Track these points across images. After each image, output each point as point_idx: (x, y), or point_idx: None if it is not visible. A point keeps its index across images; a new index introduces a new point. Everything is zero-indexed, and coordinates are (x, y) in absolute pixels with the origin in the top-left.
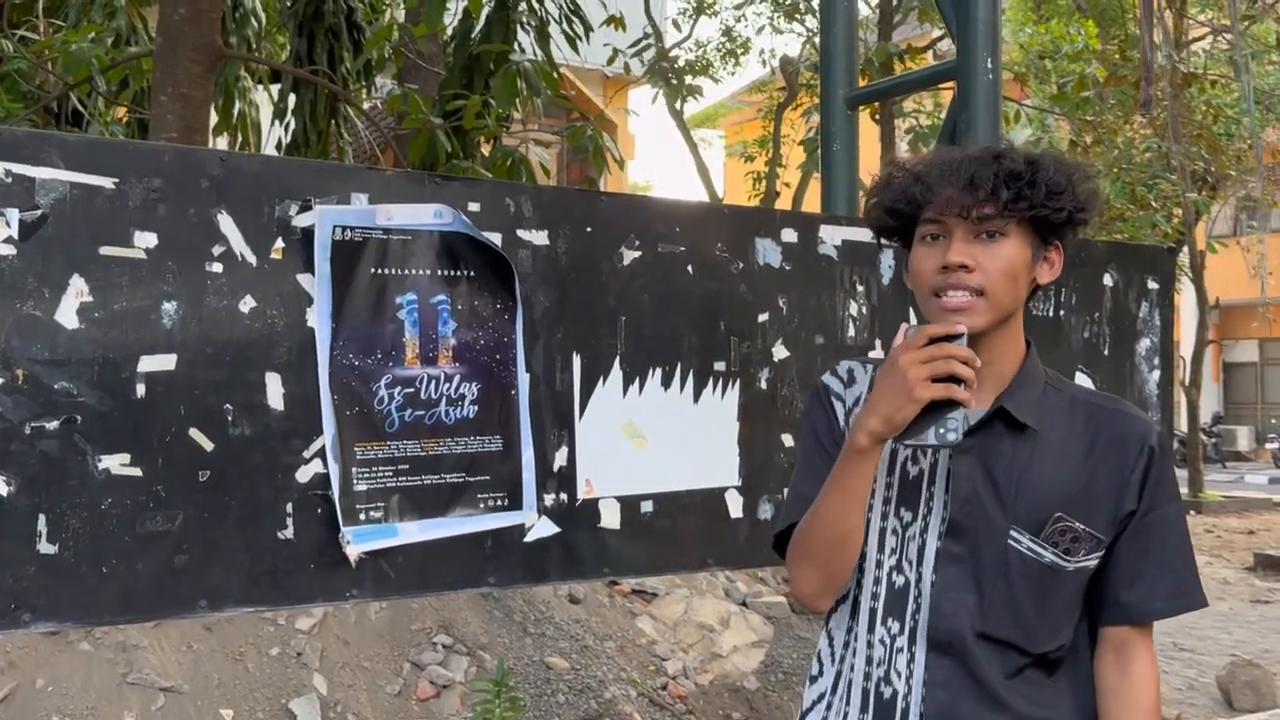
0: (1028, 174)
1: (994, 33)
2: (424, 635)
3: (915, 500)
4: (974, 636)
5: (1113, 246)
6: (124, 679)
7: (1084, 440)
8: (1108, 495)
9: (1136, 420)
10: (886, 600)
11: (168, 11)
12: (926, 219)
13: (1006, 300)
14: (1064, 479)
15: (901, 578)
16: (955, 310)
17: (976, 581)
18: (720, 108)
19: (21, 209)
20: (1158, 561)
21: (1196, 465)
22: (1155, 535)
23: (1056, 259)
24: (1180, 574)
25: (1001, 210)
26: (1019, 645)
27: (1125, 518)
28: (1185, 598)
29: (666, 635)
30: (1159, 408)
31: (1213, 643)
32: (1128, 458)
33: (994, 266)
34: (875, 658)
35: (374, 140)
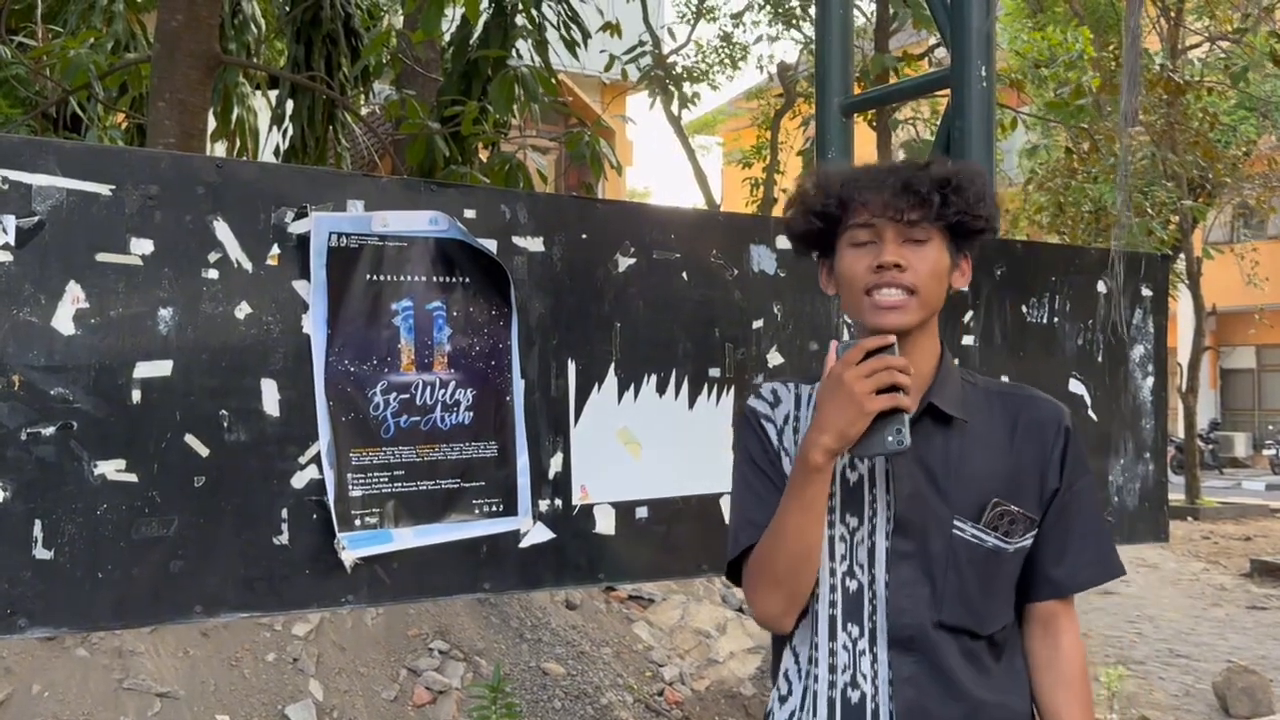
0: (955, 182)
1: (988, 41)
2: (420, 641)
3: (859, 505)
4: (932, 627)
5: (1106, 253)
6: (120, 684)
7: (1005, 427)
8: (1034, 477)
9: (1050, 404)
10: (844, 606)
11: (165, 18)
12: (857, 223)
13: (933, 300)
14: (994, 465)
15: (855, 582)
16: (889, 308)
17: (928, 574)
18: (718, 114)
19: (18, 216)
20: (1080, 535)
21: (1194, 472)
22: (1075, 510)
23: (967, 267)
24: (1100, 544)
25: (931, 215)
26: (971, 630)
27: (1050, 496)
28: (1106, 566)
29: (663, 641)
30: (1153, 414)
31: (1209, 649)
32: (1047, 439)
33: (923, 268)
34: (839, 664)
35: (372, 146)
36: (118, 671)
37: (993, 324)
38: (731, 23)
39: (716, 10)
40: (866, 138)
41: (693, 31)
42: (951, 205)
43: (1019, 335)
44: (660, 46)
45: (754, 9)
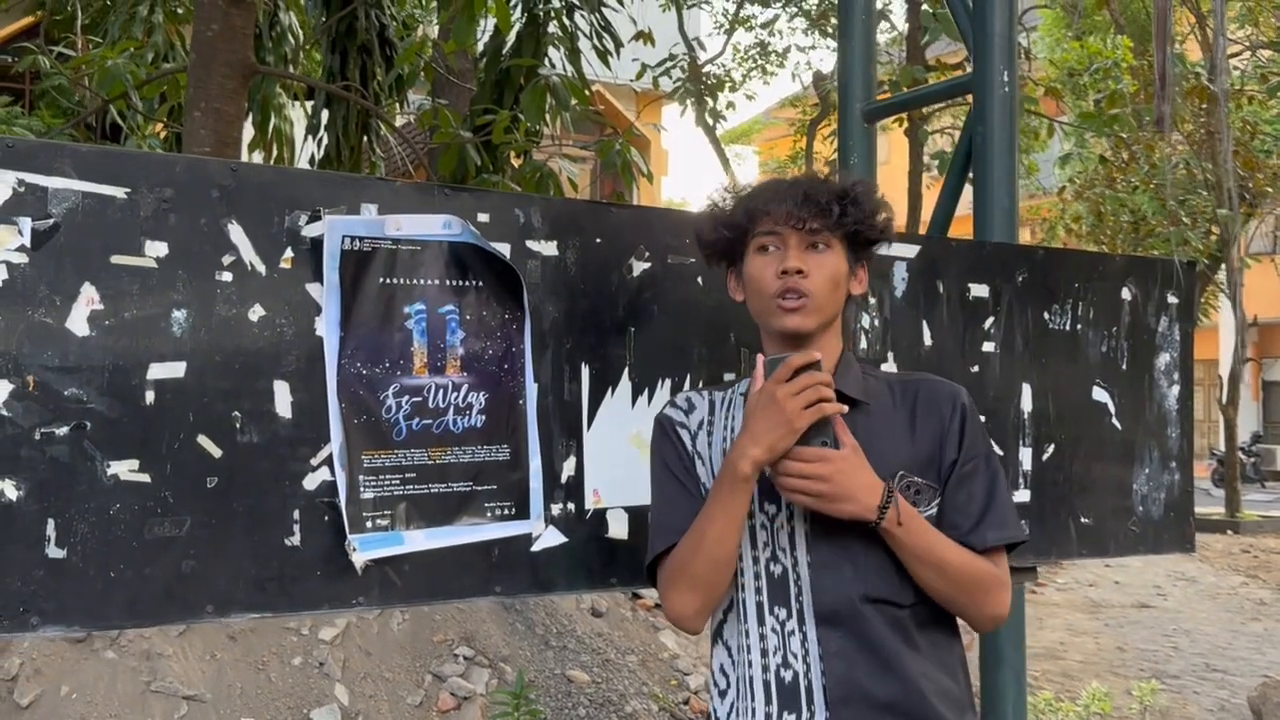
0: (851, 194)
1: (1010, 46)
2: (445, 647)
3: (776, 492)
4: (860, 601)
5: (1131, 260)
6: (147, 687)
7: (905, 407)
8: (934, 449)
9: (946, 385)
10: (769, 590)
11: (201, 28)
12: (763, 231)
13: (831, 304)
14: (897, 442)
15: (779, 566)
16: (792, 310)
17: (848, 551)
18: (754, 124)
19: (34, 218)
20: (982, 499)
21: (1234, 484)
22: (976, 477)
23: (863, 275)
24: (1002, 509)
25: (831, 224)
26: (894, 600)
27: (950, 466)
28: (1009, 528)
29: (689, 650)
30: (1179, 423)
31: (1245, 664)
32: (944, 415)
33: (822, 274)
34: (770, 647)
35: (407, 157)
36: (145, 674)
37: (1014, 331)
38: (765, 31)
39: (752, 20)
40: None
41: (728, 41)
42: (849, 215)
43: (1041, 342)
44: (695, 56)
45: (787, 17)
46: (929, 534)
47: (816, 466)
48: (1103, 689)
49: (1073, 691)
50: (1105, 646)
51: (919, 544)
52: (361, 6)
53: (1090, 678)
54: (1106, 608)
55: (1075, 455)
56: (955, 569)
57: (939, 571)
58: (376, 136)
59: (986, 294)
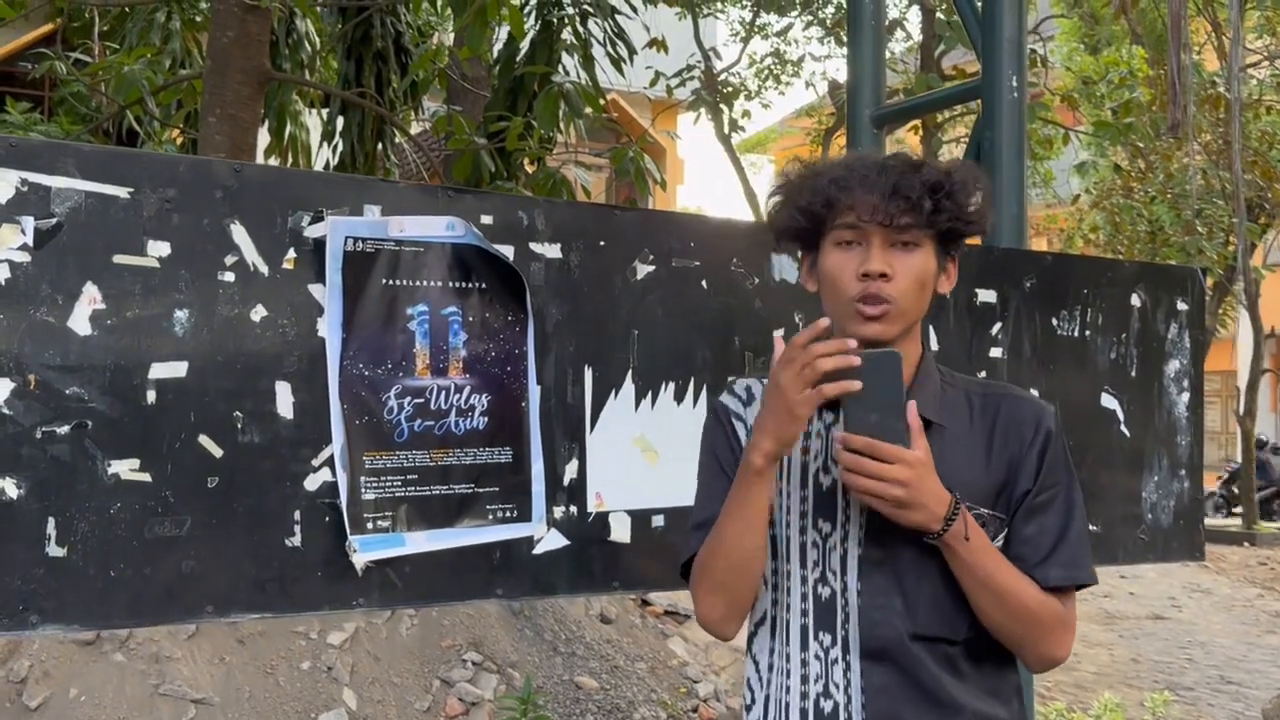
0: (947, 186)
1: (1019, 51)
2: (454, 652)
3: (832, 510)
4: (909, 639)
5: (1140, 266)
6: (156, 690)
7: (983, 427)
8: (1006, 475)
9: (1031, 403)
10: (815, 614)
11: (217, 34)
12: (844, 224)
13: (916, 309)
14: (969, 468)
15: (827, 589)
16: (871, 320)
17: (899, 583)
18: (770, 133)
19: (37, 217)
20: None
21: (1251, 496)
22: (1049, 511)
23: (953, 270)
24: (1071, 547)
25: (921, 222)
26: (947, 637)
27: (1021, 496)
28: (1076, 569)
29: (698, 657)
30: (1189, 431)
31: (1261, 676)
32: (1025, 438)
33: (910, 275)
34: (811, 674)
35: (421, 164)
36: (154, 677)
37: (1021, 336)
38: (780, 40)
39: (768, 28)
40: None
41: (745, 49)
42: (943, 211)
43: (1049, 348)
44: (711, 65)
45: (802, 25)
46: (994, 557)
47: (895, 469)
48: (1115, 700)
49: (1085, 703)
50: (1119, 658)
51: (983, 565)
52: (377, 14)
53: (1103, 689)
54: (1121, 619)
55: (1083, 463)
56: (1016, 600)
57: (999, 600)
58: (391, 143)
59: (994, 299)
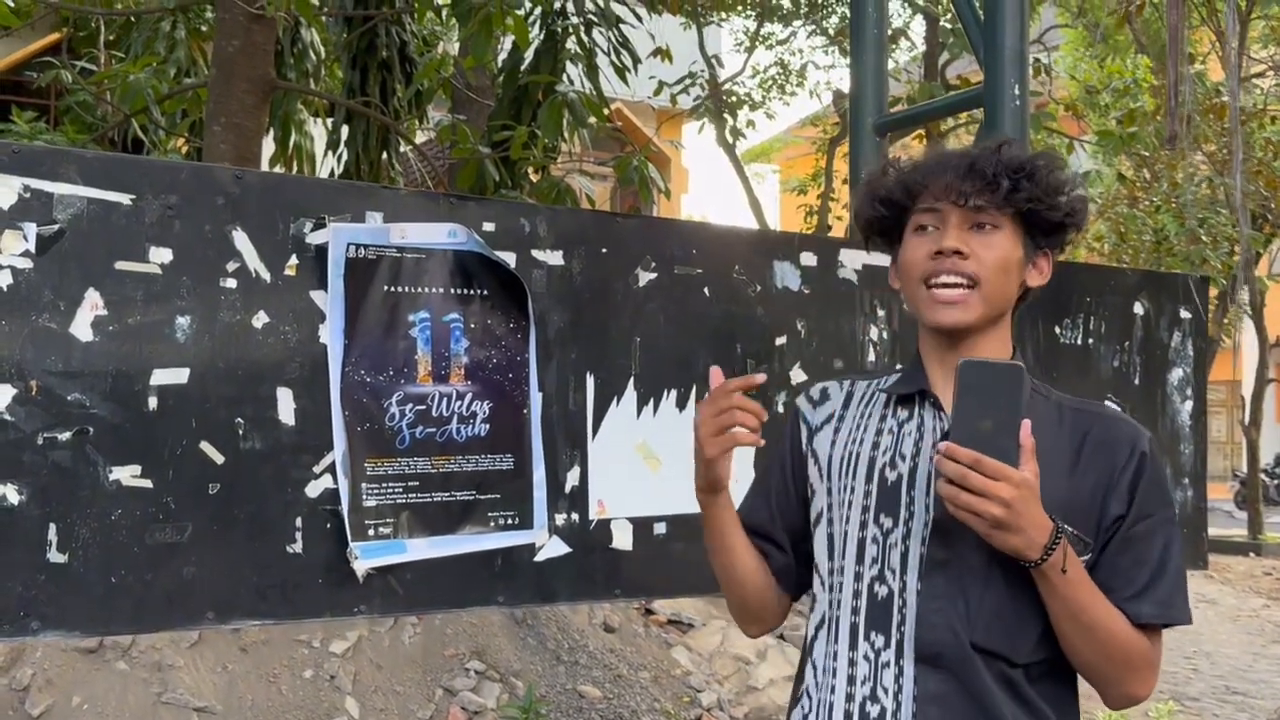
0: (1028, 167)
1: (1021, 59)
2: (457, 661)
3: (895, 505)
4: (969, 646)
5: (1144, 275)
6: (158, 699)
7: (1071, 444)
8: (1094, 499)
9: (1126, 424)
10: (869, 613)
11: (222, 44)
12: (922, 208)
13: (999, 294)
14: (1050, 482)
15: (884, 588)
16: (947, 303)
17: (963, 587)
18: (775, 142)
19: (39, 223)
20: (1148, 568)
21: (1257, 506)
22: (1146, 542)
23: (1046, 265)
24: (1168, 583)
25: (999, 201)
26: (1006, 656)
27: (1114, 522)
28: (1170, 607)
29: (702, 666)
30: (1192, 439)
31: (1266, 686)
32: (1117, 461)
33: (989, 256)
34: (858, 676)
35: (426, 173)
36: (156, 685)
37: (1024, 344)
38: (784, 50)
39: (772, 37)
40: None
41: (749, 59)
42: (1022, 191)
43: (1052, 356)
44: (715, 74)
45: (806, 35)
46: (1088, 590)
47: (999, 487)
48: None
49: (1090, 713)
50: None
51: (1077, 598)
52: (382, 23)
53: None
54: None
55: None
56: (1107, 635)
57: (1089, 634)
58: (396, 152)
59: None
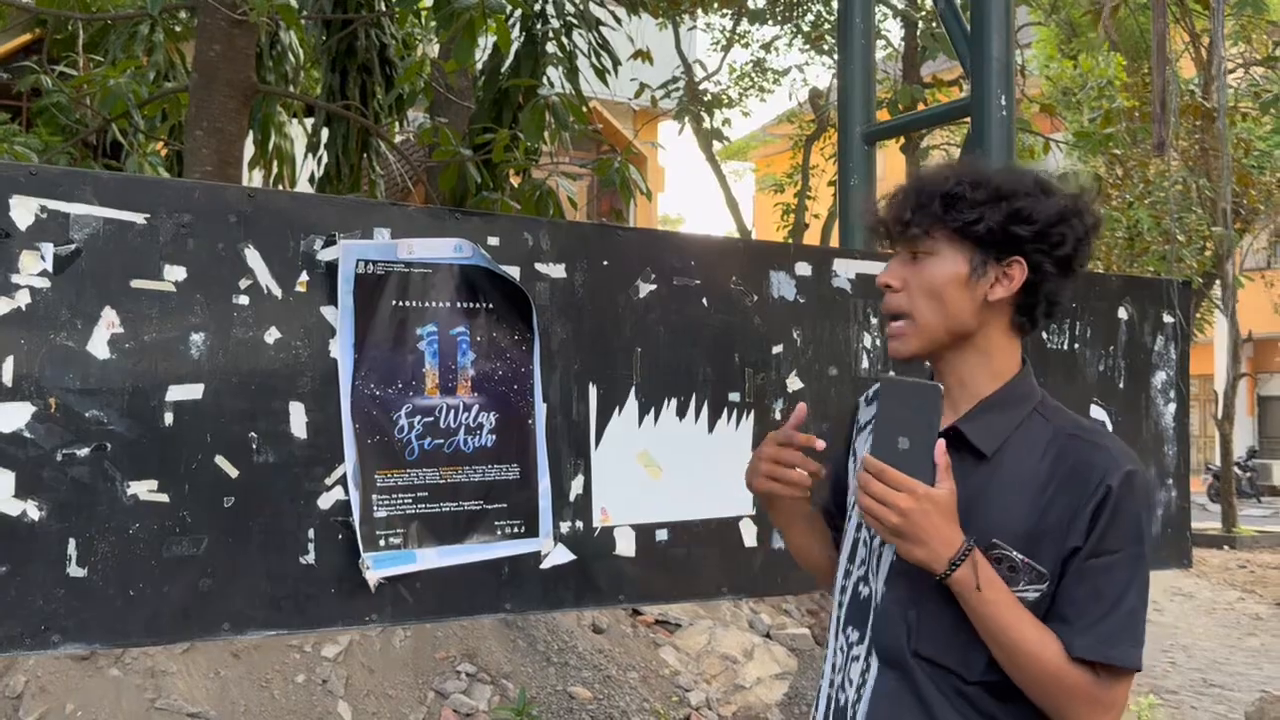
0: (948, 189)
1: (1007, 71)
2: (448, 664)
3: None
4: (910, 654)
5: (1127, 280)
6: (152, 704)
7: (1047, 470)
8: (1057, 528)
9: (1104, 455)
10: (849, 609)
11: (203, 48)
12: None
13: (936, 319)
14: (1015, 508)
15: (867, 588)
16: (891, 338)
17: (918, 598)
18: (751, 140)
19: (56, 243)
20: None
21: (1230, 500)
22: (1107, 578)
23: (1018, 274)
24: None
25: (914, 227)
26: (956, 671)
27: (1070, 554)
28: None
29: (690, 666)
30: (1175, 441)
31: (1243, 679)
32: (1084, 491)
33: (917, 284)
34: (838, 665)
35: (405, 174)
36: (150, 691)
37: None
38: (762, 50)
39: (748, 37)
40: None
41: (725, 58)
42: (953, 212)
43: (1039, 361)
44: (692, 75)
45: (787, 36)
46: (1009, 611)
47: (897, 496)
48: None
49: None
50: None
51: (994, 617)
52: (362, 26)
53: None
54: None
55: None
56: (1031, 661)
57: (1012, 658)
58: (376, 154)
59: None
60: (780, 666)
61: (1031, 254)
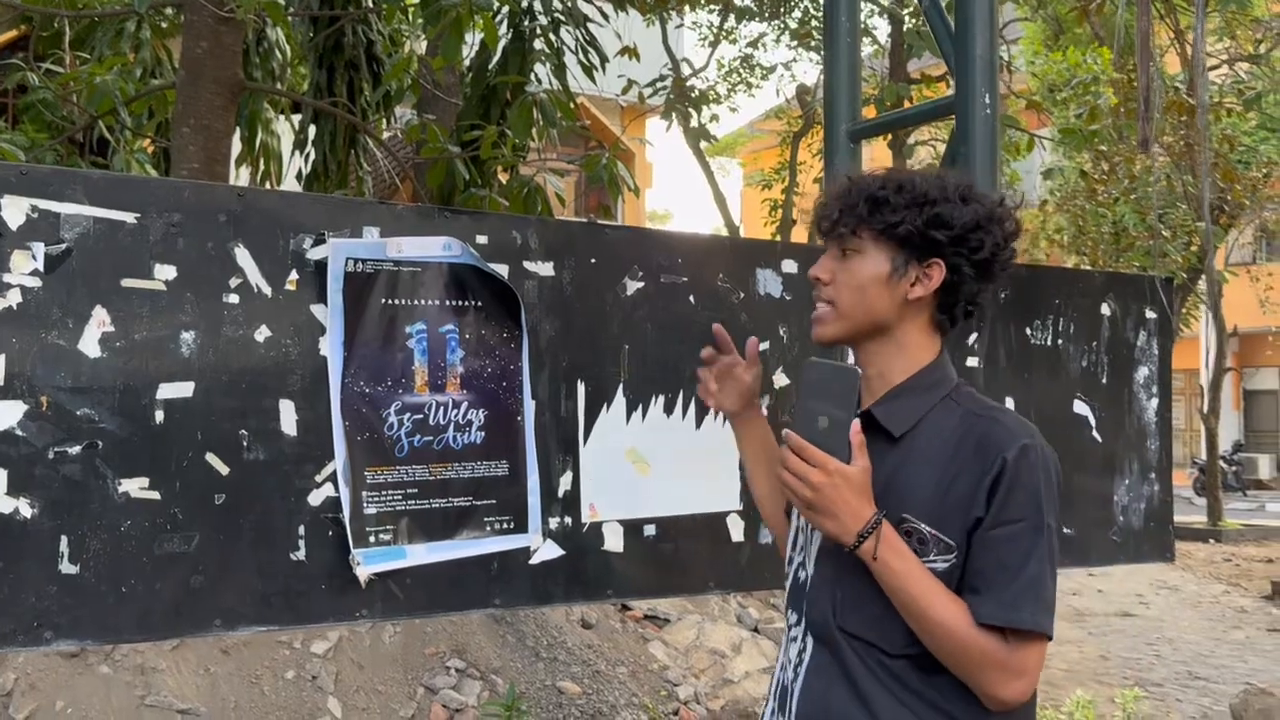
0: (877, 195)
1: (991, 69)
2: (437, 659)
3: None
4: (836, 630)
5: (1110, 276)
6: (142, 701)
7: (952, 448)
8: (961, 501)
9: (1002, 430)
10: (791, 593)
11: (190, 45)
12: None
13: (859, 310)
14: (923, 484)
15: (804, 573)
16: (815, 322)
17: (839, 576)
18: (738, 137)
19: (47, 243)
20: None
21: (1216, 494)
22: (1010, 547)
23: (936, 274)
24: (1016, 588)
25: (841, 227)
26: (879, 645)
27: (974, 525)
28: (1014, 610)
29: (678, 660)
30: (1158, 435)
31: (1228, 671)
32: (983, 465)
33: (845, 278)
34: (784, 646)
35: (392, 170)
36: (140, 688)
37: (997, 346)
38: (749, 47)
39: (736, 33)
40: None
41: (713, 54)
42: (877, 215)
43: (1023, 357)
44: (679, 71)
45: (774, 33)
46: (916, 582)
47: (812, 472)
48: (1086, 697)
49: (1057, 700)
50: (1089, 655)
51: (902, 588)
52: (349, 23)
53: (1074, 686)
54: (1090, 616)
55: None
56: (938, 629)
57: (923, 627)
58: (363, 151)
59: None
60: (768, 660)
61: (950, 257)
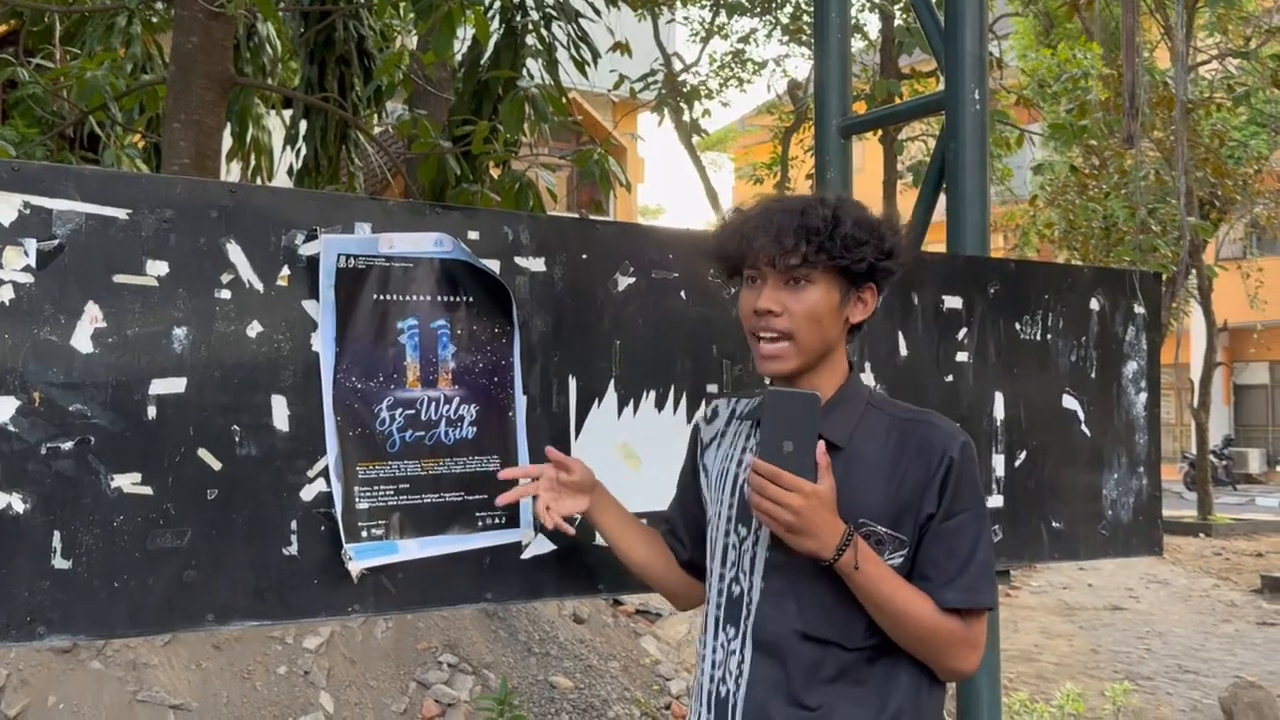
0: (827, 228)
1: (981, 65)
2: (429, 654)
3: (749, 516)
4: (797, 638)
5: (1099, 271)
6: (134, 697)
7: (894, 452)
8: (912, 500)
9: (940, 431)
10: (725, 608)
11: (180, 40)
12: (749, 264)
13: (814, 340)
14: (873, 488)
15: (738, 587)
16: (768, 357)
17: (795, 586)
18: (730, 131)
19: (39, 239)
20: (953, 559)
21: (1206, 488)
22: (953, 536)
23: (870, 299)
24: (972, 571)
25: (804, 261)
26: (839, 642)
27: (927, 520)
28: (973, 592)
29: (670, 655)
30: (1146, 429)
31: (1218, 665)
32: (930, 466)
33: (799, 309)
34: (717, 661)
35: (384, 165)
36: (132, 684)
37: (986, 341)
38: (740, 42)
39: (727, 28)
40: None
41: (704, 49)
42: (824, 251)
43: (1012, 352)
44: (671, 66)
45: (765, 29)
46: (889, 582)
47: (790, 497)
48: (1077, 690)
49: (1047, 693)
50: (1079, 648)
51: (877, 590)
52: (340, 18)
53: (1064, 679)
54: (1080, 610)
55: (1046, 461)
56: (912, 621)
57: (895, 621)
58: (355, 147)
59: (960, 305)
60: None
61: (881, 281)
